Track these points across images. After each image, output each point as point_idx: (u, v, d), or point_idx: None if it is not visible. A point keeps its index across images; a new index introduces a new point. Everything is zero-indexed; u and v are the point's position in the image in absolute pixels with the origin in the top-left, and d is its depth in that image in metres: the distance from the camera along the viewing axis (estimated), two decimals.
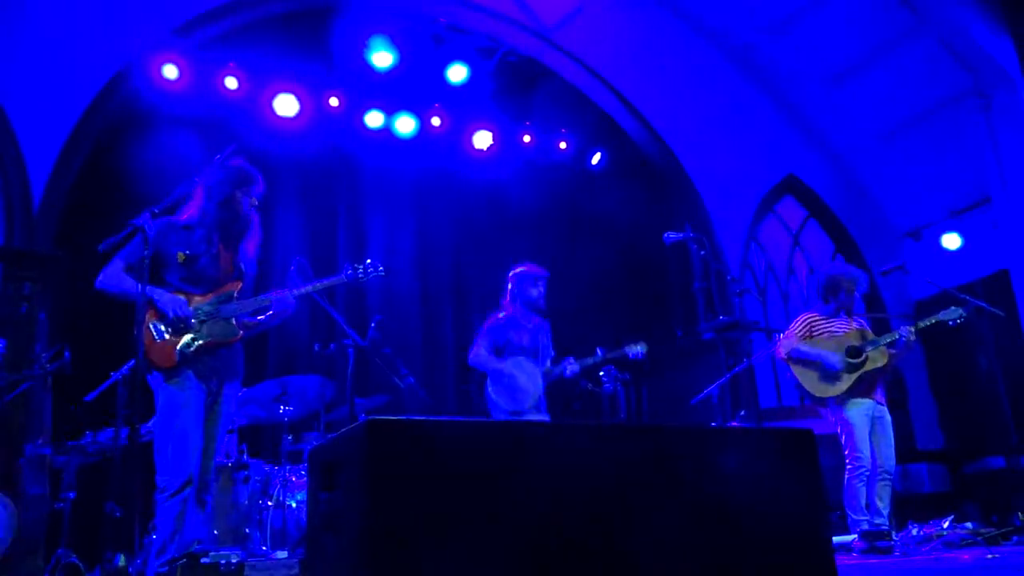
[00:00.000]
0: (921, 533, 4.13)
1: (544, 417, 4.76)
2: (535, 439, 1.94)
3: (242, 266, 3.48)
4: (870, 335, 4.80)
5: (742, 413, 6.40)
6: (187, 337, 3.25)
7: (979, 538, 3.95)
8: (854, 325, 4.89)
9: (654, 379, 8.37)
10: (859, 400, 4.66)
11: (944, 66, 7.25)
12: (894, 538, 4.10)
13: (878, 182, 8.45)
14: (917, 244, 8.18)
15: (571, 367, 4.80)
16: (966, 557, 3.55)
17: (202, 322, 3.29)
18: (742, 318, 4.74)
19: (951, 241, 7.80)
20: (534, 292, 4.89)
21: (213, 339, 3.29)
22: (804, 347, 4.77)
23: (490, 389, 4.79)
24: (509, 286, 4.96)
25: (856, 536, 4.24)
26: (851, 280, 4.91)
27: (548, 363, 4.88)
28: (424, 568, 1.64)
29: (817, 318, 4.93)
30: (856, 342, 4.74)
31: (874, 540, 4.05)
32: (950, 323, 4.64)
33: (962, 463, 7.22)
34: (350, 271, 3.76)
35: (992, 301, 4.92)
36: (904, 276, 5.29)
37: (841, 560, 3.31)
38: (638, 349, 5.00)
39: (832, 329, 4.85)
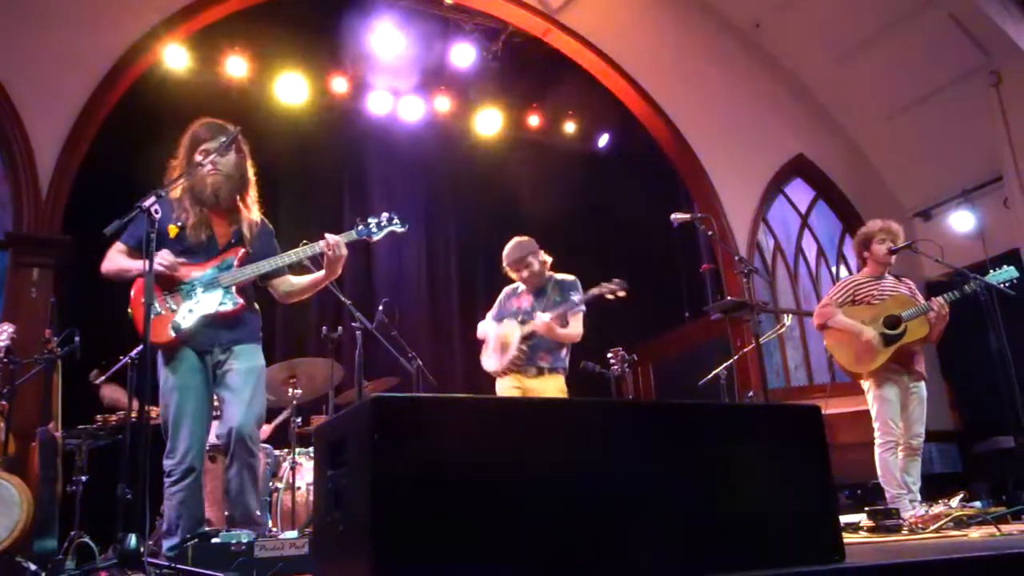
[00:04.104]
0: (930, 512, 4.12)
1: (533, 382, 4.42)
2: (539, 415, 1.95)
3: (242, 232, 3.29)
4: (913, 303, 4.53)
5: (750, 394, 6.39)
6: (182, 308, 3.09)
7: (988, 517, 3.93)
8: (901, 289, 4.63)
9: (661, 360, 8.39)
10: (894, 373, 4.49)
11: (954, 42, 7.16)
12: (902, 516, 4.09)
13: (887, 161, 8.39)
14: (927, 224, 8.14)
15: (540, 316, 4.38)
16: (975, 535, 3.55)
17: (199, 291, 3.13)
18: (750, 299, 4.69)
19: (962, 220, 7.74)
20: (516, 276, 4.61)
21: (211, 309, 3.12)
22: (841, 318, 4.57)
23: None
24: None
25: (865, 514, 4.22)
26: (882, 229, 4.68)
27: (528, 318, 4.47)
28: (430, 542, 1.65)
29: (861, 282, 4.68)
30: (898, 311, 4.49)
31: (881, 519, 4.03)
32: (1004, 286, 4.35)
33: (972, 443, 7.22)
34: (361, 227, 3.43)
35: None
36: (914, 256, 5.20)
37: (848, 538, 3.32)
38: (614, 285, 4.48)
39: (876, 293, 4.59)
